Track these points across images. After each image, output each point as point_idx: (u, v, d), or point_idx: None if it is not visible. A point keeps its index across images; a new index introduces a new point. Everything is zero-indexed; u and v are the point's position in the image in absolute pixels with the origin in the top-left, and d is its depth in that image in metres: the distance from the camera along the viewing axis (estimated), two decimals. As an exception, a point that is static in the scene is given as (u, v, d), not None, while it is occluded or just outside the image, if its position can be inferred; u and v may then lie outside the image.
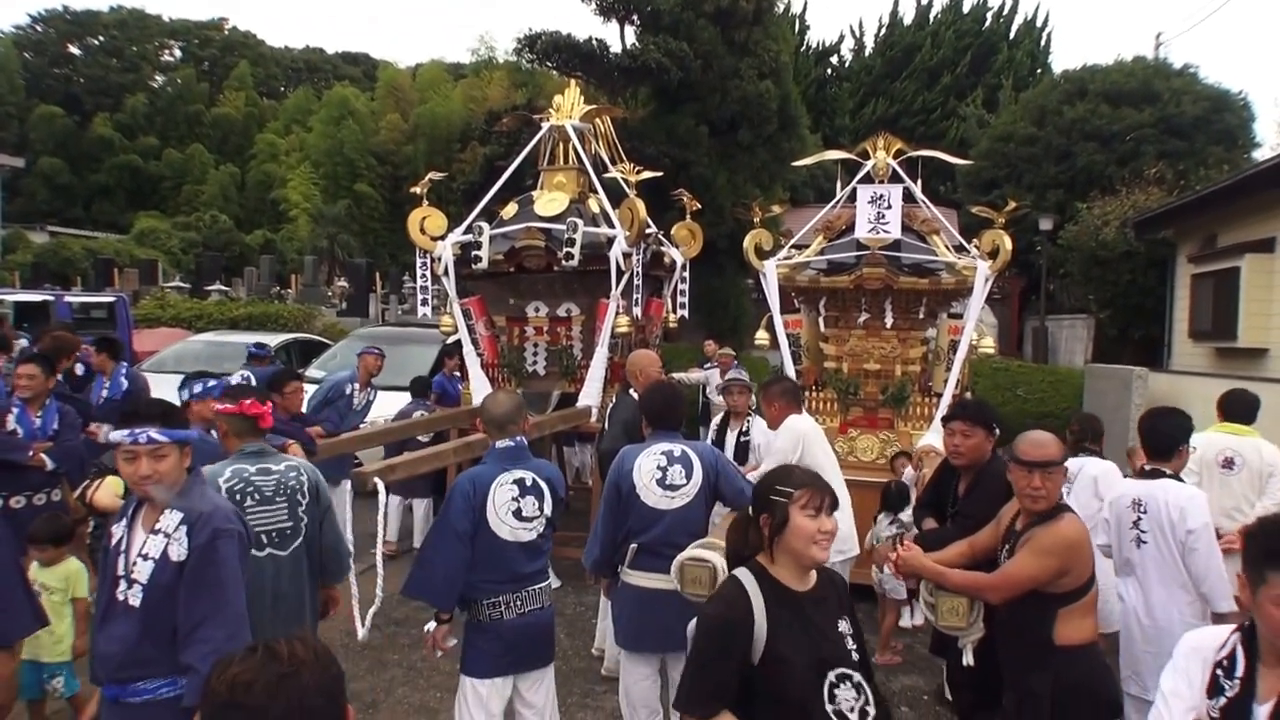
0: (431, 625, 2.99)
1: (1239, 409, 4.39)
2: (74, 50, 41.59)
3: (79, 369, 6.06)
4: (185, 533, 2.12)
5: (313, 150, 33.25)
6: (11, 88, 35.81)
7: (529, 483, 2.97)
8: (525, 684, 3.08)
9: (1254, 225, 9.83)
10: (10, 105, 35.33)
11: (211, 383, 3.83)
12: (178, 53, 45.08)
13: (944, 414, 3.53)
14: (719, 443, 4.97)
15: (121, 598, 2.15)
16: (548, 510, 3.01)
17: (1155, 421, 3.28)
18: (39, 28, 40.92)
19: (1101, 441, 4.44)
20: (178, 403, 3.86)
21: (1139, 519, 3.12)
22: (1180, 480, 3.22)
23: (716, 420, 5.23)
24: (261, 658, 1.14)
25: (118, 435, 2.14)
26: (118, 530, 2.24)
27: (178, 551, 2.11)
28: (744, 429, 5.06)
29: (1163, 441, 3.20)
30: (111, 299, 12.33)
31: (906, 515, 4.60)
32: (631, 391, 4.63)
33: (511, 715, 3.14)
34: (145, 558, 2.14)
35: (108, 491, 3.48)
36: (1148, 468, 3.22)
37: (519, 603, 2.96)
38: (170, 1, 76.76)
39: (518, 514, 2.92)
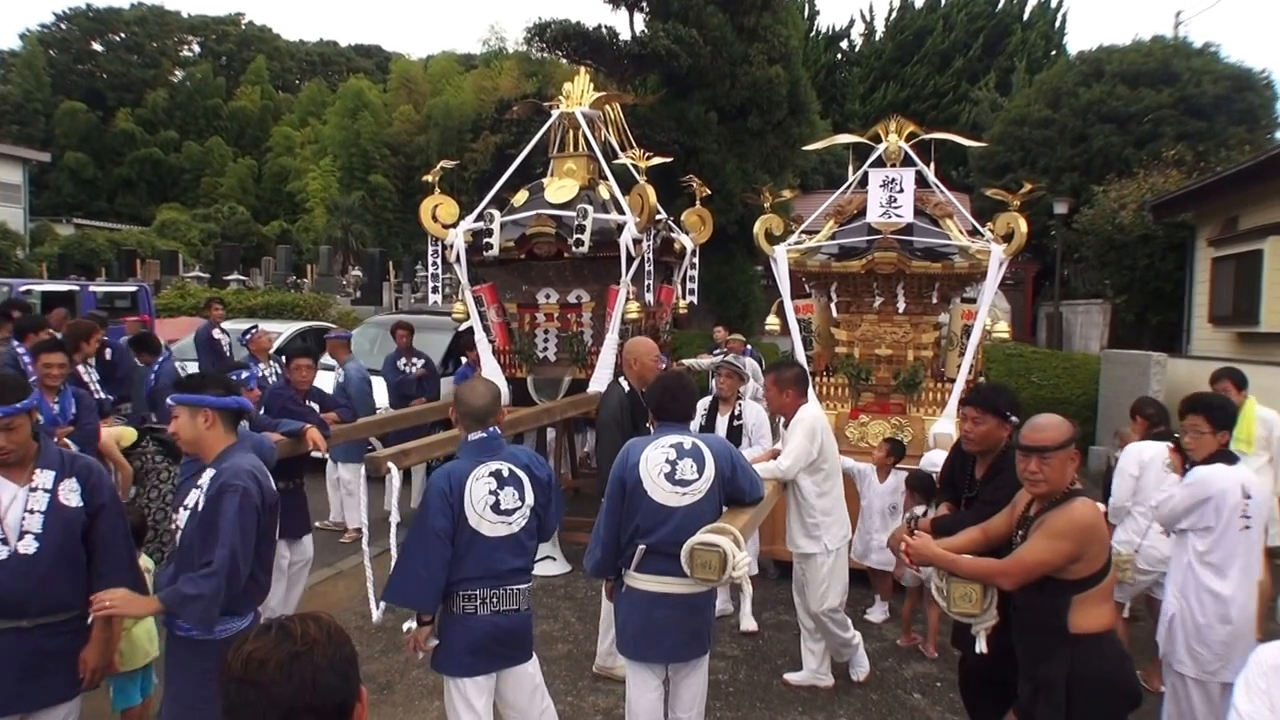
0: (411, 625, 2.83)
1: None
2: (97, 47, 41.91)
3: (108, 353, 6.28)
4: (208, 486, 2.47)
5: (328, 142, 33.42)
6: (38, 84, 36.31)
7: (506, 474, 2.82)
8: (504, 683, 2.92)
9: (1278, 207, 9.59)
10: (37, 101, 35.84)
11: (244, 374, 4.36)
12: (196, 48, 45.38)
13: (962, 398, 3.53)
14: (709, 427, 4.81)
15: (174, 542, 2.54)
16: (529, 499, 2.85)
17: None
18: (63, 25, 41.24)
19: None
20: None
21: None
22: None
23: (706, 404, 5.01)
24: (275, 636, 1.14)
25: None
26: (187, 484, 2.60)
27: (198, 500, 2.46)
28: (735, 413, 4.94)
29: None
30: (134, 289, 12.65)
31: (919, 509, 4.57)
32: (621, 380, 4.38)
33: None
34: (184, 508, 2.51)
35: (110, 434, 3.64)
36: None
37: (495, 600, 2.79)
38: (188, -4, 77.15)
39: (495, 507, 2.77)
